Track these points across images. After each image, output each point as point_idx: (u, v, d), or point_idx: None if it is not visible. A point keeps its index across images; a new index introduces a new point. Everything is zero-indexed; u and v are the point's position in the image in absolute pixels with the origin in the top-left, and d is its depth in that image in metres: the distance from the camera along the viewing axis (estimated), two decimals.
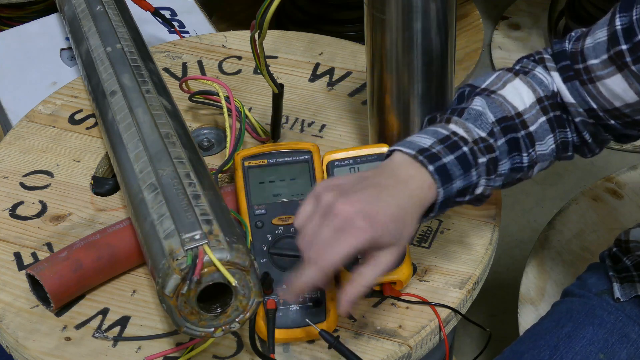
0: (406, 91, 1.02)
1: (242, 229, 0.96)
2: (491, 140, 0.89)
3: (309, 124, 1.20)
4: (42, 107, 1.26)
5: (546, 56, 0.94)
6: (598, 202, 1.36)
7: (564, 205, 1.37)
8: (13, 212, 1.10)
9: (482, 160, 0.88)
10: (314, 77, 1.27)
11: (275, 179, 1.01)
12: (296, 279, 0.82)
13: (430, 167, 0.84)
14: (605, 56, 0.88)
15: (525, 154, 0.91)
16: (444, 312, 0.96)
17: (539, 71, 0.93)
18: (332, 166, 1.02)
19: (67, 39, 1.49)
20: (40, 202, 1.11)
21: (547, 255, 1.30)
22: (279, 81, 1.10)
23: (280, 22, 2.30)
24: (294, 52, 1.32)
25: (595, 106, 0.91)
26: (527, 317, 1.23)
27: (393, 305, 0.97)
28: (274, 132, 1.14)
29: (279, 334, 0.92)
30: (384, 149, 1.02)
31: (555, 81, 0.92)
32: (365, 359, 0.92)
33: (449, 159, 0.85)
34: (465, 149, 0.87)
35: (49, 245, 1.05)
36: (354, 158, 1.02)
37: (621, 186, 1.37)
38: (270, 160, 1.02)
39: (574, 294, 1.12)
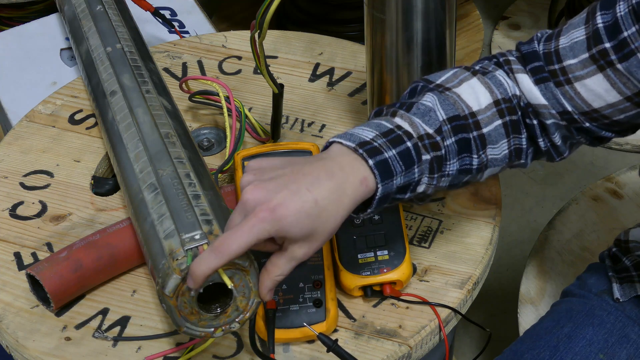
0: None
1: None
2: (438, 138, 0.85)
3: (309, 124, 1.20)
4: (42, 107, 1.26)
5: (511, 58, 0.91)
6: (598, 202, 1.36)
7: (564, 205, 1.37)
8: (13, 212, 1.10)
9: (426, 157, 0.84)
10: (314, 77, 1.27)
11: None
12: (195, 264, 0.79)
13: (370, 162, 0.80)
14: (585, 55, 0.85)
15: (475, 156, 0.88)
16: (443, 312, 0.96)
17: (500, 74, 0.90)
18: None
19: (67, 39, 1.49)
20: (40, 202, 1.11)
21: (547, 255, 1.30)
22: (279, 81, 1.10)
23: (280, 22, 2.30)
24: (294, 52, 1.32)
25: (570, 108, 0.88)
26: (527, 317, 1.23)
27: (393, 305, 0.97)
28: (274, 132, 1.14)
29: (279, 334, 0.92)
30: None
31: (523, 83, 0.89)
32: (365, 359, 0.92)
33: (390, 153, 0.82)
34: (408, 144, 0.83)
35: (49, 245, 1.05)
36: None
37: (621, 186, 1.37)
38: None
39: (573, 294, 1.12)
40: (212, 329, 0.86)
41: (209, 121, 1.22)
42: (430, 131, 0.86)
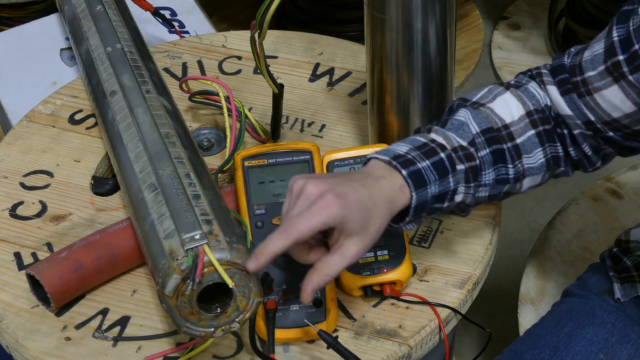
0: (406, 91, 1.02)
1: (242, 229, 0.96)
2: (471, 149, 0.90)
3: (309, 124, 1.20)
4: (42, 107, 1.26)
5: (544, 71, 0.95)
6: (598, 202, 1.36)
7: (564, 205, 1.36)
8: (13, 212, 1.10)
9: (460, 167, 0.88)
10: (314, 77, 1.27)
11: (275, 179, 1.01)
12: (263, 245, 0.81)
13: (404, 172, 0.85)
14: (602, 67, 0.89)
15: (511, 166, 0.92)
16: (443, 312, 0.96)
17: (532, 85, 0.95)
18: (332, 166, 1.02)
19: (67, 39, 1.49)
20: (40, 202, 1.11)
21: (547, 255, 1.30)
22: (279, 81, 1.10)
23: (280, 22, 2.30)
24: (294, 52, 1.32)
25: (593, 118, 0.91)
26: (527, 317, 1.23)
27: (393, 305, 0.97)
28: (274, 132, 1.14)
29: (279, 334, 0.92)
30: None
31: (552, 95, 0.93)
32: (365, 359, 0.92)
33: (424, 164, 0.86)
34: (442, 155, 0.88)
35: (49, 245, 1.05)
36: (354, 158, 1.02)
37: (621, 186, 1.37)
38: (270, 160, 1.02)
39: (574, 294, 1.12)
40: (212, 329, 0.86)
41: (209, 121, 1.22)
42: (464, 143, 0.90)
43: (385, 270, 0.96)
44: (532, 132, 0.93)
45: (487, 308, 1.77)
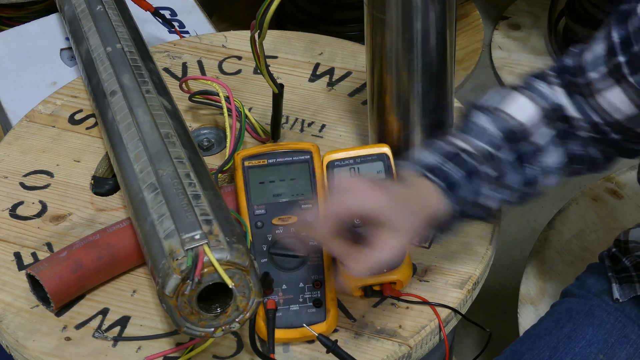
0: (406, 91, 1.02)
1: (242, 229, 0.96)
2: (494, 152, 0.90)
3: (309, 124, 1.20)
4: (42, 107, 1.26)
5: (549, 72, 0.95)
6: (598, 202, 1.36)
7: (564, 205, 1.36)
8: (13, 212, 1.10)
9: (484, 169, 0.89)
10: (314, 77, 1.27)
11: (275, 179, 1.01)
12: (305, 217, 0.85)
13: (434, 178, 0.87)
14: (603, 69, 0.88)
15: (534, 166, 0.92)
16: (443, 312, 0.96)
17: (541, 85, 0.94)
18: (332, 166, 1.02)
19: (67, 39, 1.49)
20: (40, 202, 1.11)
21: (547, 255, 1.30)
22: (279, 81, 1.10)
23: (280, 22, 2.30)
24: (294, 52, 1.32)
25: (598, 120, 0.91)
26: (527, 317, 1.23)
27: (393, 305, 0.97)
28: (274, 132, 1.14)
29: (279, 334, 0.92)
30: (384, 149, 1.02)
31: (560, 96, 0.93)
32: (365, 359, 0.92)
33: (450, 166, 0.88)
34: (465, 157, 0.89)
35: (49, 245, 1.05)
36: (354, 158, 1.02)
37: (621, 186, 1.37)
38: (270, 160, 1.02)
39: (573, 294, 1.12)
40: (212, 329, 0.86)
41: (209, 121, 1.22)
42: (486, 146, 0.90)
43: (385, 270, 0.96)
44: (548, 130, 0.92)
45: (487, 308, 1.77)
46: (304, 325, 0.91)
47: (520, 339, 1.09)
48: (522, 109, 0.93)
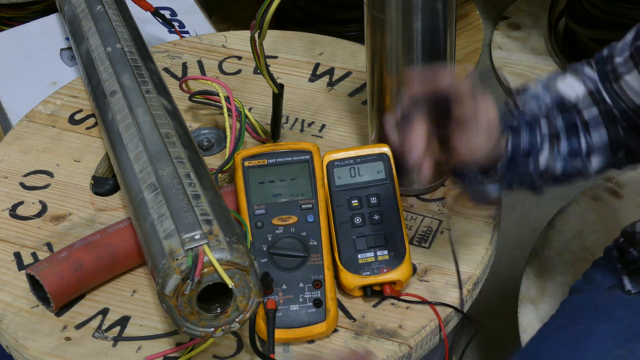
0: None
1: (242, 229, 0.96)
2: (549, 115, 0.92)
3: (309, 124, 1.20)
4: (42, 107, 1.26)
5: (591, 61, 0.97)
6: (598, 202, 1.36)
7: (564, 205, 1.36)
8: (13, 212, 1.10)
9: (544, 127, 0.91)
10: (314, 77, 1.27)
11: (275, 179, 1.01)
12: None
13: (499, 115, 0.86)
14: (627, 53, 0.91)
15: (582, 138, 0.93)
16: (444, 313, 0.96)
17: (587, 70, 0.96)
18: (332, 166, 1.02)
19: (67, 39, 1.49)
20: (40, 202, 1.11)
21: (547, 255, 1.30)
22: (279, 81, 1.10)
23: (280, 22, 2.30)
24: (294, 52, 1.32)
25: (624, 106, 0.92)
26: (527, 317, 1.23)
27: (393, 305, 0.97)
28: (274, 132, 1.14)
29: (279, 334, 0.92)
30: (384, 149, 1.02)
31: (598, 82, 0.95)
32: None
33: (514, 116, 0.90)
34: (526, 117, 0.90)
35: (49, 245, 1.05)
36: (354, 158, 1.02)
37: (621, 186, 1.37)
38: (270, 160, 1.02)
39: (582, 291, 1.12)
40: (212, 329, 0.86)
41: (209, 121, 1.22)
42: (542, 111, 0.92)
43: (385, 270, 0.96)
44: (596, 109, 0.93)
45: (487, 308, 1.77)
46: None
47: (537, 338, 1.08)
48: (571, 87, 0.95)
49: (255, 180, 1.01)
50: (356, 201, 1.00)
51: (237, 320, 0.86)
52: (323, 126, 1.19)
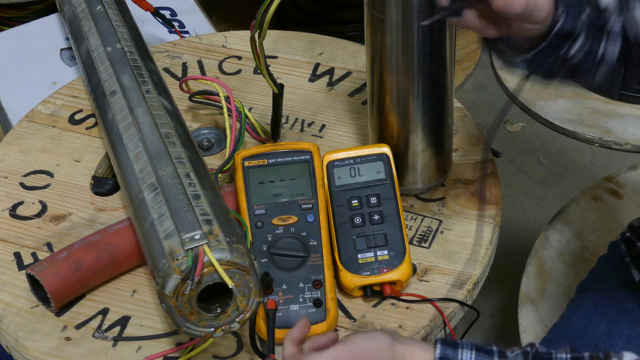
0: (406, 91, 1.02)
1: (242, 229, 0.96)
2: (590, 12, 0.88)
3: (309, 124, 1.20)
4: (42, 107, 1.26)
5: None
6: (598, 202, 1.36)
7: (564, 205, 1.37)
8: (13, 212, 1.10)
9: (584, 17, 0.87)
10: (314, 77, 1.27)
11: (275, 179, 1.01)
12: None
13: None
14: None
15: (600, 42, 0.88)
16: (447, 309, 0.96)
17: None
18: (332, 166, 1.02)
19: (67, 39, 1.49)
20: (40, 202, 1.11)
21: (547, 255, 1.30)
22: (279, 81, 1.10)
23: (280, 22, 2.30)
24: (294, 52, 1.32)
25: (632, 39, 0.89)
26: (527, 317, 1.23)
27: (393, 305, 0.97)
28: (274, 132, 1.14)
29: (279, 334, 0.92)
30: (384, 149, 1.02)
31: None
32: None
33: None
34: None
35: (49, 245, 1.05)
36: (354, 158, 1.02)
37: (621, 186, 1.37)
38: (270, 160, 1.02)
39: (594, 289, 1.11)
40: (212, 329, 0.86)
41: (209, 121, 1.22)
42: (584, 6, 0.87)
43: (385, 270, 0.96)
44: (620, 22, 0.89)
45: (487, 308, 1.77)
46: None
47: (553, 338, 1.07)
48: None
49: (255, 180, 1.01)
50: (356, 201, 1.00)
51: (237, 320, 0.86)
52: (323, 126, 1.19)
